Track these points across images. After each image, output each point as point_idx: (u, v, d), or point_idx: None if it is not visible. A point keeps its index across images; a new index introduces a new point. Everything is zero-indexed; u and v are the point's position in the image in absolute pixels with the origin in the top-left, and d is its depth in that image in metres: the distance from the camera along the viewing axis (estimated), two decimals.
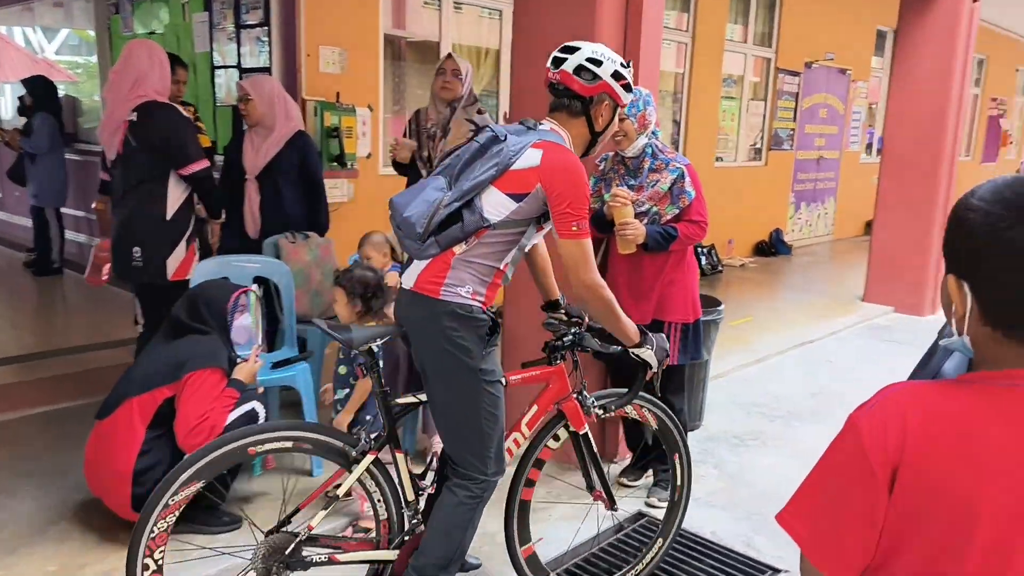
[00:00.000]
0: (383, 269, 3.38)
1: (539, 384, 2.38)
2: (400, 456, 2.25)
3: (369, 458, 2.15)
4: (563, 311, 2.45)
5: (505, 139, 2.06)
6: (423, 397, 2.26)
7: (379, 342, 2.19)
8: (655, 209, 3.01)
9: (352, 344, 2.17)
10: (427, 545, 2.18)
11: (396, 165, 4.04)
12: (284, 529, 2.14)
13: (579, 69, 2.09)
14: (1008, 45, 13.41)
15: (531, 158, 2.03)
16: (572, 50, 2.11)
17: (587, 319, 2.40)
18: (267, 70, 5.11)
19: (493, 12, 6.50)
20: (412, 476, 2.29)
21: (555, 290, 2.49)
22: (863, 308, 6.66)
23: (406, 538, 2.25)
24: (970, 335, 1.02)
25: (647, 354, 2.25)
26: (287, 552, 2.08)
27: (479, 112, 3.80)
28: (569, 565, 2.77)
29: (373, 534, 2.32)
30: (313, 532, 2.13)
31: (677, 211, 3.02)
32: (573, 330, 2.38)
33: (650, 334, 2.27)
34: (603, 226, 3.10)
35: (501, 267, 2.12)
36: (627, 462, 3.50)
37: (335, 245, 3.96)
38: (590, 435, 2.46)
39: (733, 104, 8.96)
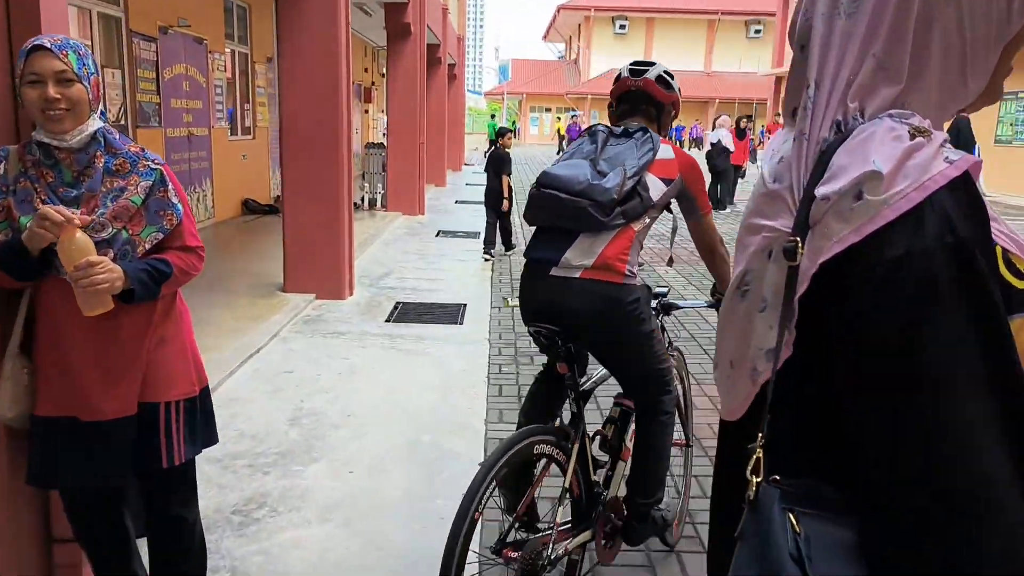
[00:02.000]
0: None
1: None
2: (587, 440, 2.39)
3: (577, 446, 2.26)
4: None
5: (647, 132, 2.32)
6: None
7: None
8: (126, 234, 1.88)
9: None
10: (644, 485, 2.40)
11: None
12: (521, 536, 2.22)
13: (659, 79, 2.43)
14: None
15: (667, 152, 2.31)
16: (647, 64, 2.47)
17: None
18: None
19: None
20: (593, 456, 2.43)
21: None
22: (288, 300, 6.21)
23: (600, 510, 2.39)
24: None
25: None
26: (550, 555, 2.15)
27: None
28: None
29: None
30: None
31: (161, 235, 1.95)
32: (657, 296, 2.59)
33: None
34: (24, 268, 1.83)
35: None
36: None
37: None
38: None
39: None
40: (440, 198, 15.13)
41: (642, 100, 2.43)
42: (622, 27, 50.19)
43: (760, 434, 0.80)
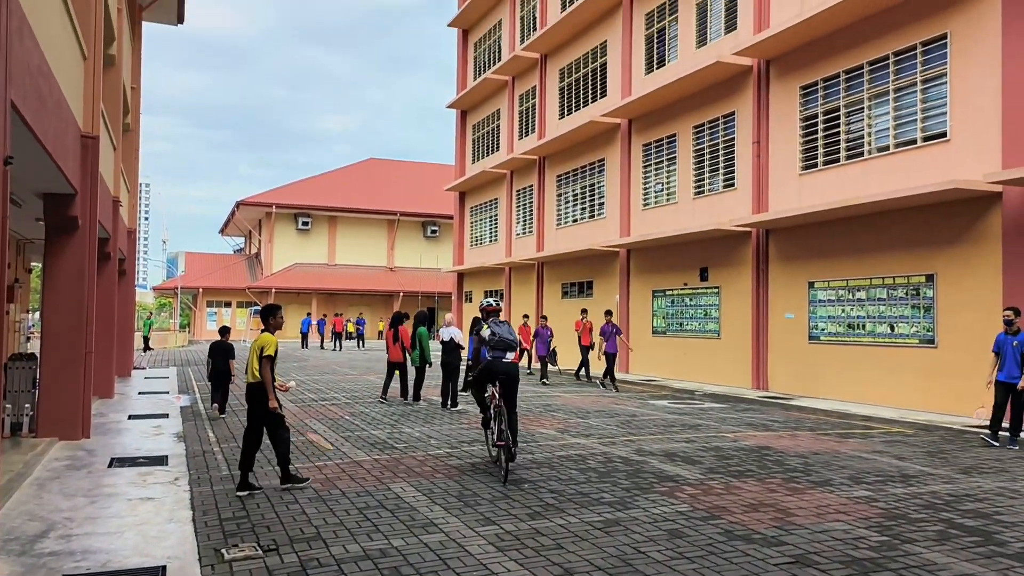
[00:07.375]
0: None
1: None
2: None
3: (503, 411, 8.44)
4: None
5: (506, 321, 8.99)
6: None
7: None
8: None
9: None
10: (515, 432, 8.31)
11: None
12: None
13: (499, 309, 9.13)
14: None
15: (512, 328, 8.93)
16: (498, 302, 9.15)
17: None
18: None
19: None
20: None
21: None
22: None
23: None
24: None
25: None
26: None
27: None
28: None
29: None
30: None
31: None
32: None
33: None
34: None
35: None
36: None
37: None
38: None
39: None
40: (108, 413, 12.78)
41: (495, 312, 9.01)
42: (305, 223, 50.69)
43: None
